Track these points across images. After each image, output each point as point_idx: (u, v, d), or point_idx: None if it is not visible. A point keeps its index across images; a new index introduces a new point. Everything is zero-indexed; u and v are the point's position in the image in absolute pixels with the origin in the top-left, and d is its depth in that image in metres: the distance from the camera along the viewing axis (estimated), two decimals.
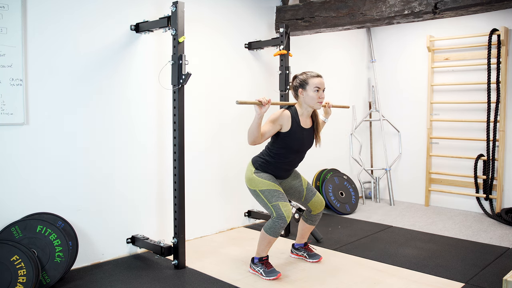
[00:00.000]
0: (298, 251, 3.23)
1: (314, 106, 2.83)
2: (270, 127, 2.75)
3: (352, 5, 3.71)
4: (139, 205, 3.32)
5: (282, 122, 2.77)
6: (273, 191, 2.79)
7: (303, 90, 2.81)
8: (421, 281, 2.83)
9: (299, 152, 2.91)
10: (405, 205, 5.20)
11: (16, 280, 2.38)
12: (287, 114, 2.80)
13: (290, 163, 2.92)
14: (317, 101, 2.80)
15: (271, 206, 2.76)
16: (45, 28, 2.78)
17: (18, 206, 2.71)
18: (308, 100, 2.81)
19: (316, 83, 2.78)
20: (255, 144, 2.70)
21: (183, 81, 2.89)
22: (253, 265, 2.93)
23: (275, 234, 2.76)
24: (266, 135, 2.73)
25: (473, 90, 4.86)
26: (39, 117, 2.78)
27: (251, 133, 2.66)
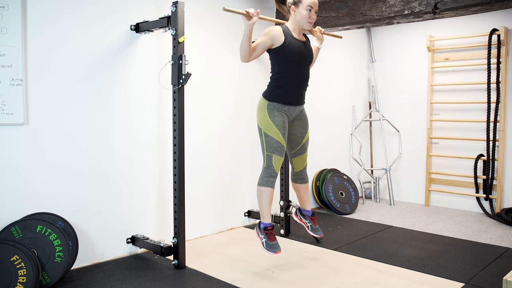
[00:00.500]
0: (304, 218, 3.18)
1: (303, 26, 2.84)
2: (261, 40, 2.76)
3: (352, 5, 3.70)
4: (139, 205, 3.32)
5: (273, 35, 2.77)
6: (276, 141, 2.79)
7: (296, 7, 2.82)
8: (421, 281, 2.83)
9: (301, 63, 2.87)
10: (405, 205, 5.20)
11: (16, 280, 2.38)
12: (278, 28, 2.81)
13: (295, 79, 2.87)
14: (308, 21, 2.81)
15: (266, 154, 2.80)
16: (45, 28, 2.78)
17: (18, 206, 2.71)
18: (298, 18, 2.81)
19: (309, 2, 2.78)
20: (247, 59, 2.71)
21: (183, 81, 2.89)
22: (259, 230, 2.91)
23: (268, 183, 2.79)
24: (257, 48, 2.73)
25: (473, 90, 4.86)
26: (39, 117, 2.78)
27: (242, 47, 2.67)
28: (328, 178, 4.87)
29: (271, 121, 2.81)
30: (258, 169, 4.22)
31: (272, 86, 2.87)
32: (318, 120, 4.86)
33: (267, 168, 2.81)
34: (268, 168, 2.80)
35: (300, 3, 2.79)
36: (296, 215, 3.24)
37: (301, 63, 2.87)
